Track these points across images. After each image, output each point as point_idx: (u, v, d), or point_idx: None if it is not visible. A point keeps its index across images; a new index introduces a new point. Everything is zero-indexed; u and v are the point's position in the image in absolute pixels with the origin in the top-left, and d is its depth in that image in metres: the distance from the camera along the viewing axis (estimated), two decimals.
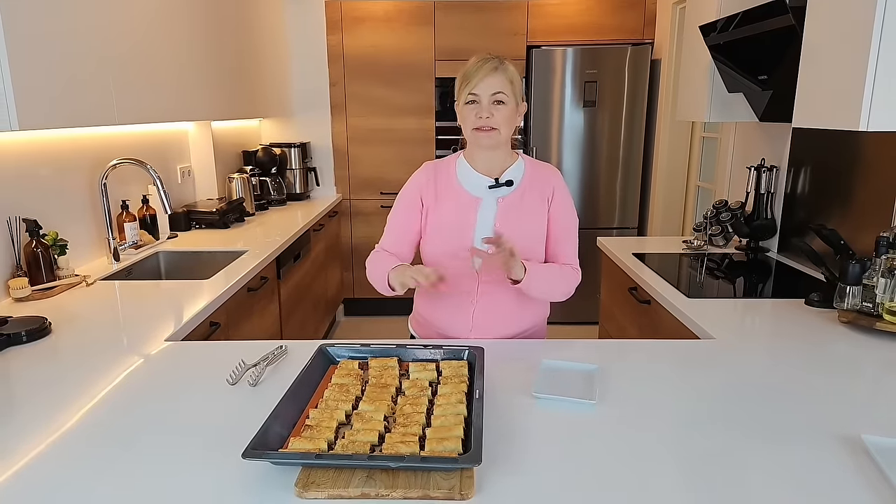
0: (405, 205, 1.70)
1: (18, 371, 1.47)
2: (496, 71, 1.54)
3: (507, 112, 1.56)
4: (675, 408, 1.27)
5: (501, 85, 1.54)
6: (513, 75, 1.57)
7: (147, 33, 2.38)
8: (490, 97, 1.54)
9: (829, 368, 1.49)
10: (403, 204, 1.71)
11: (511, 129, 1.60)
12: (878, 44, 1.54)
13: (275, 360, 1.46)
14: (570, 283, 1.65)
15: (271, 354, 1.45)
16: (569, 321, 3.87)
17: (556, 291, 1.64)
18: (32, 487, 1.01)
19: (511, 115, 1.57)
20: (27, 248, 2.06)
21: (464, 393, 1.22)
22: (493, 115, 1.54)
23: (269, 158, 4.06)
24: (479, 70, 1.54)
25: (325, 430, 1.09)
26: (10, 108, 1.64)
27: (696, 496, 0.97)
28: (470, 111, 1.56)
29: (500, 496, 0.97)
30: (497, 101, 1.54)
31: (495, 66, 1.54)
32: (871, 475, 1.03)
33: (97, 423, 1.21)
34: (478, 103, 1.55)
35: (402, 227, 1.71)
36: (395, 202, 1.73)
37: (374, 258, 1.69)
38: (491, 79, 1.53)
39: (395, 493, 0.95)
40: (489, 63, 1.54)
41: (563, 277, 1.64)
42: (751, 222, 2.68)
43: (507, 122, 1.57)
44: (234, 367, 1.40)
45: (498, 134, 1.57)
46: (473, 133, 1.58)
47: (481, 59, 1.56)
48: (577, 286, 1.67)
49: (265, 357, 1.44)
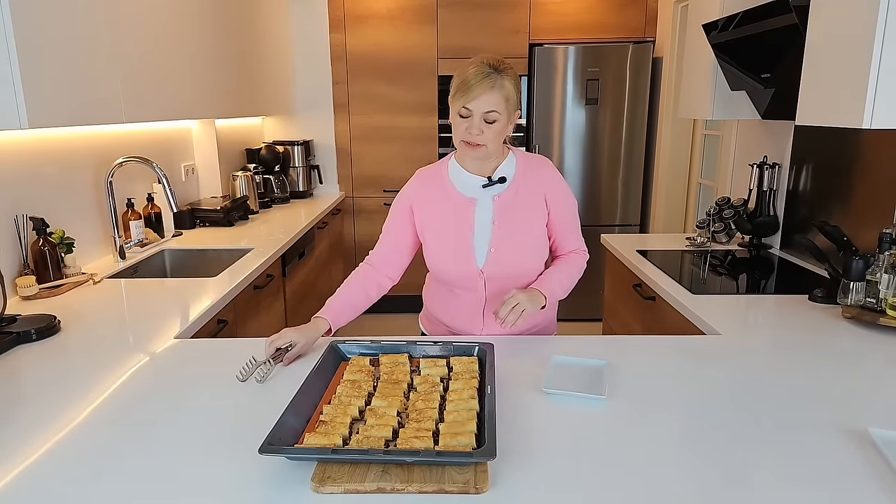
0: (396, 214, 1.72)
1: (29, 369, 1.48)
2: (493, 89, 1.49)
3: (498, 128, 1.54)
4: (683, 402, 1.29)
5: (496, 103, 1.50)
6: (509, 91, 1.52)
7: (154, 33, 2.39)
8: (482, 114, 1.51)
9: (834, 363, 1.50)
10: (394, 214, 1.72)
11: (500, 141, 1.59)
12: (882, 41, 1.55)
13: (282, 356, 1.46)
14: (581, 268, 1.72)
15: (283, 351, 1.46)
16: (572, 318, 3.88)
17: (572, 283, 1.70)
18: (46, 483, 1.02)
19: (502, 130, 1.56)
20: (34, 246, 2.07)
21: (475, 389, 1.24)
22: (483, 132, 1.52)
23: (273, 156, 4.06)
24: (476, 85, 1.49)
25: (339, 426, 1.10)
26: (21, 107, 1.65)
27: (707, 489, 0.99)
28: (461, 122, 1.55)
29: (514, 490, 0.98)
30: (489, 120, 1.52)
31: (492, 83, 1.49)
32: (879, 467, 1.04)
33: (109, 420, 1.22)
34: (470, 118, 1.52)
35: (393, 236, 1.72)
36: (391, 208, 1.74)
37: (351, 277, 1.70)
38: (486, 96, 1.49)
39: (410, 487, 0.97)
40: (487, 79, 1.49)
41: (573, 267, 1.70)
42: (753, 219, 2.69)
43: (496, 138, 1.55)
44: (245, 364, 1.41)
45: (485, 150, 1.56)
46: (462, 145, 1.58)
47: (480, 72, 1.50)
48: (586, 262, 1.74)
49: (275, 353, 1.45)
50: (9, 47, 1.63)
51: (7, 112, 1.65)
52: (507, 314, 1.49)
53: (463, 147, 1.58)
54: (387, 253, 1.72)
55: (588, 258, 1.75)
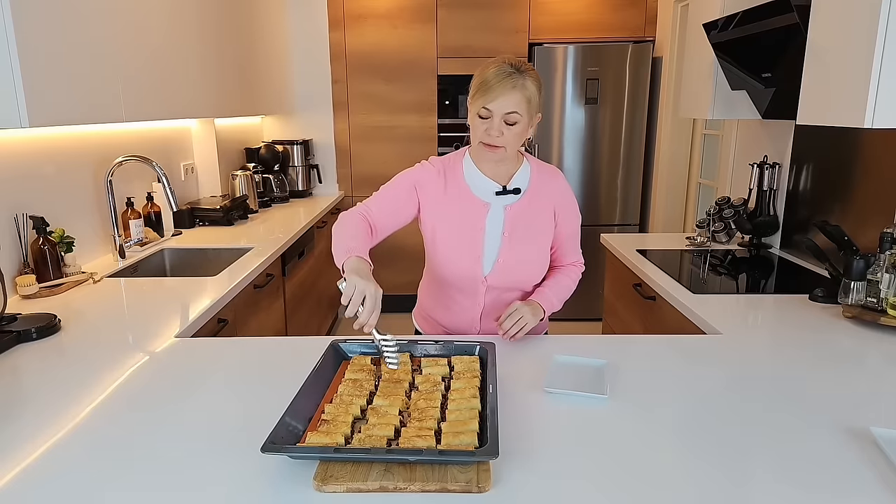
0: (402, 187, 1.64)
1: (29, 367, 1.48)
2: (514, 89, 1.45)
3: (519, 129, 1.50)
4: (685, 401, 1.29)
5: (517, 104, 1.46)
6: (531, 93, 1.48)
7: (155, 32, 2.38)
8: (503, 116, 1.47)
9: (836, 362, 1.50)
10: (400, 185, 1.64)
11: (520, 143, 1.55)
12: (884, 41, 1.55)
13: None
14: (577, 281, 1.74)
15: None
16: (572, 318, 3.87)
17: (569, 294, 1.72)
18: (48, 481, 1.02)
19: (522, 132, 1.52)
20: (34, 245, 2.07)
21: (477, 388, 1.23)
22: (504, 133, 1.49)
23: (272, 156, 4.06)
24: (497, 85, 1.45)
25: (341, 425, 1.10)
26: (21, 106, 1.65)
27: (708, 487, 0.99)
28: (480, 124, 1.51)
29: (517, 489, 0.98)
30: (510, 122, 1.49)
31: (514, 83, 1.45)
32: (881, 466, 1.04)
33: (111, 418, 1.22)
34: (490, 119, 1.48)
35: (394, 203, 1.63)
36: (395, 178, 1.66)
37: (351, 219, 1.57)
38: (508, 98, 1.45)
39: (413, 486, 0.96)
40: (509, 79, 1.45)
41: (570, 279, 1.73)
42: (753, 219, 2.70)
43: (516, 140, 1.52)
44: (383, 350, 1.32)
45: (504, 151, 1.53)
46: (480, 146, 1.54)
47: (502, 71, 1.46)
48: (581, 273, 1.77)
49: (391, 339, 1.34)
50: (10, 47, 1.63)
51: (8, 111, 1.65)
52: (510, 327, 1.52)
53: (481, 149, 1.54)
54: (384, 217, 1.62)
55: (583, 268, 1.77)
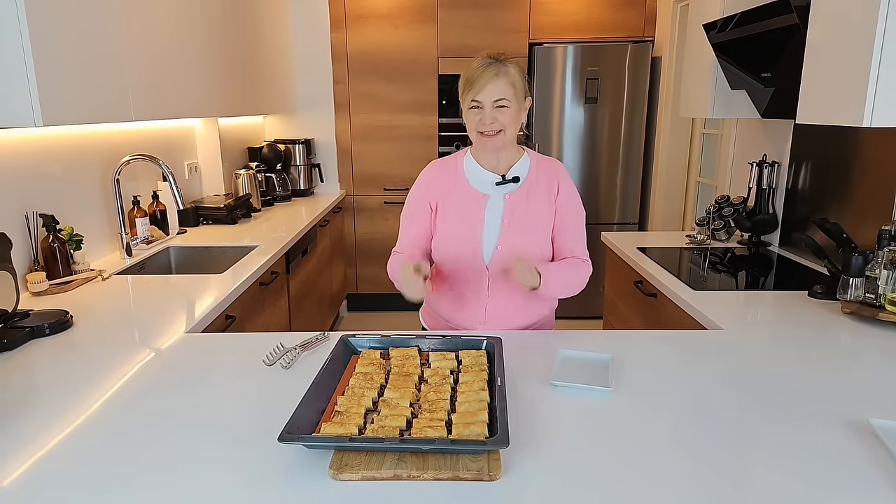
0: (415, 208, 1.74)
1: (43, 362, 1.50)
2: (497, 77, 1.54)
3: (511, 114, 1.58)
4: (688, 394, 1.32)
5: (503, 90, 1.55)
6: (514, 77, 1.57)
7: (162, 34, 2.41)
8: (492, 103, 1.56)
9: (835, 357, 1.53)
10: (413, 207, 1.74)
11: (516, 128, 1.63)
12: (882, 40, 1.58)
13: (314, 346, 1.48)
14: (583, 275, 1.70)
15: (315, 339, 1.47)
16: (573, 315, 3.91)
17: (571, 287, 1.68)
18: (62, 472, 1.04)
19: (515, 116, 1.60)
20: (44, 242, 2.09)
21: (485, 381, 1.26)
22: (497, 118, 1.57)
23: (274, 155, 4.08)
24: (480, 76, 1.55)
25: (354, 416, 1.13)
26: (35, 105, 1.67)
27: (710, 479, 1.02)
28: (474, 116, 1.59)
29: (526, 477, 1.01)
30: (499, 107, 1.56)
31: (496, 71, 1.55)
32: (881, 457, 1.07)
33: (125, 410, 1.25)
34: (481, 109, 1.57)
35: (415, 231, 1.74)
36: (406, 205, 1.76)
37: (391, 262, 1.76)
38: (492, 86, 1.54)
39: (426, 474, 0.99)
40: (490, 68, 1.55)
41: (576, 272, 1.69)
42: (753, 217, 2.73)
43: (511, 123, 1.59)
44: (272, 350, 1.46)
45: (503, 135, 1.60)
46: (479, 137, 1.61)
47: (483, 63, 1.56)
48: (589, 277, 1.72)
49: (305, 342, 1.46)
50: (24, 48, 1.65)
51: (22, 110, 1.68)
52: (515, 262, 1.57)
53: (479, 139, 1.61)
54: (417, 242, 1.74)
55: (591, 270, 1.71)
